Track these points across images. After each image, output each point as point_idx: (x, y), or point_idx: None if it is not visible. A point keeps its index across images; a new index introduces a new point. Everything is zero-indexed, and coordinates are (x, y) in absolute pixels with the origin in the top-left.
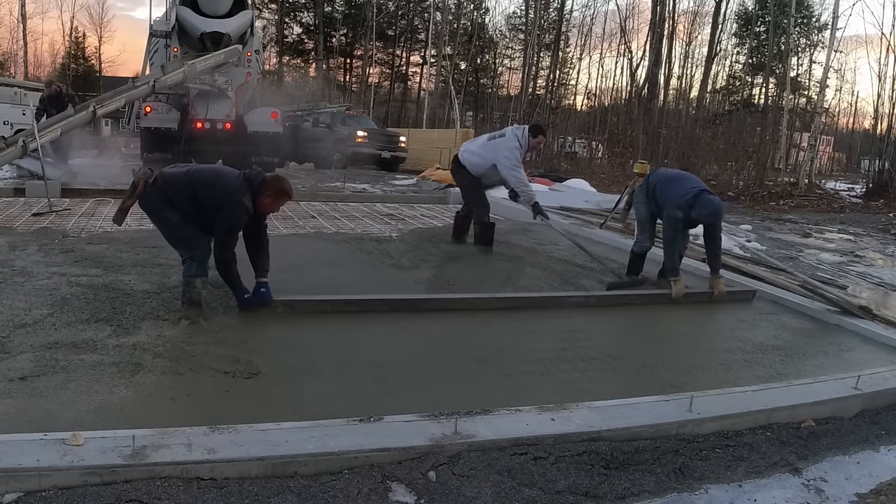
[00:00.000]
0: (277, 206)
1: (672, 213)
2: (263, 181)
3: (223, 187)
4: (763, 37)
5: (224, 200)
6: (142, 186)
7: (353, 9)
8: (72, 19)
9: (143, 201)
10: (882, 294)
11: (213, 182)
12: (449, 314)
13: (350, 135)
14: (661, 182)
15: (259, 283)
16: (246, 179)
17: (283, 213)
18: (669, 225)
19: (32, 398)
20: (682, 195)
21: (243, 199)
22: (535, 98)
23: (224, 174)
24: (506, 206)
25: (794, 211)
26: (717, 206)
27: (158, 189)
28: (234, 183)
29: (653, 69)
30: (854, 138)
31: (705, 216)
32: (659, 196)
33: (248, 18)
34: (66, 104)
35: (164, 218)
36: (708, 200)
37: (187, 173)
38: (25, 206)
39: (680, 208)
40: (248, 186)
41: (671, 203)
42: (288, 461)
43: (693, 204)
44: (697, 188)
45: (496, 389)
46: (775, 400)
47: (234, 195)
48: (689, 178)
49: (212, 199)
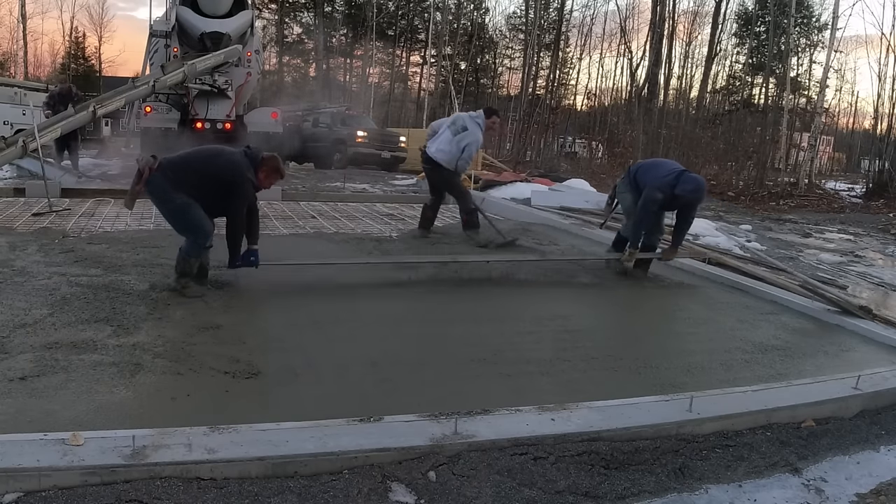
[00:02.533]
0: (271, 182)
1: (651, 194)
2: (263, 158)
3: (230, 163)
4: (763, 37)
5: (234, 178)
6: (147, 172)
7: (353, 9)
8: (72, 19)
9: (150, 186)
10: (882, 294)
11: (216, 157)
12: (448, 314)
13: (350, 135)
14: (643, 168)
15: (250, 250)
16: (248, 156)
17: (283, 212)
18: (644, 205)
19: (32, 398)
20: (663, 176)
21: (249, 175)
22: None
23: (225, 151)
24: (506, 207)
25: (794, 211)
26: (700, 182)
27: (163, 173)
28: (240, 159)
29: (653, 69)
30: (854, 138)
31: (689, 192)
32: (640, 181)
33: (248, 18)
34: (75, 104)
35: (171, 200)
36: (692, 177)
37: (188, 155)
38: (25, 206)
39: (660, 189)
40: (251, 163)
41: (651, 185)
42: (288, 461)
43: (676, 183)
44: (679, 169)
45: (496, 389)
46: (775, 400)
47: (243, 172)
48: (669, 162)
49: (217, 174)
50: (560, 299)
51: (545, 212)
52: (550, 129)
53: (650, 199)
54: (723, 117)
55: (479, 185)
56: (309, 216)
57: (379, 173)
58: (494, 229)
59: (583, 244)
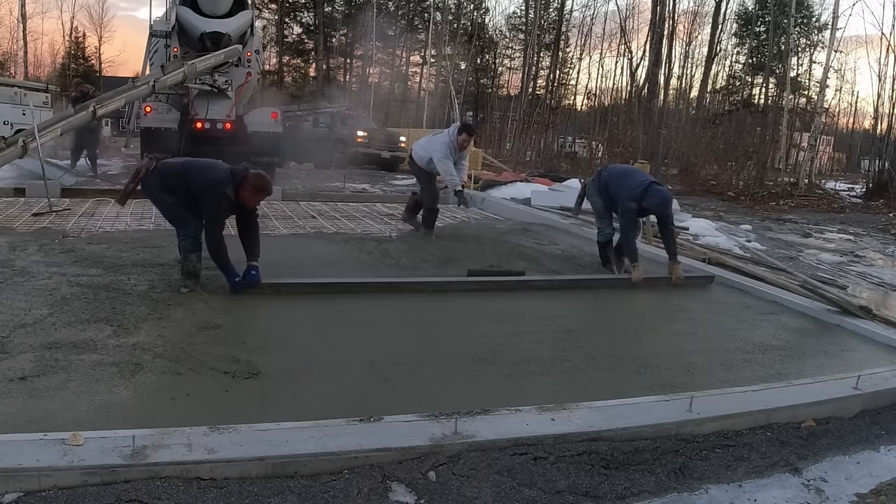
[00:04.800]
0: (256, 200)
1: (626, 206)
2: (245, 176)
3: (210, 177)
4: (763, 37)
5: (209, 189)
6: (143, 173)
7: (353, 9)
8: (72, 19)
9: (145, 186)
10: (882, 294)
11: (202, 172)
12: (448, 314)
13: (350, 135)
14: (613, 177)
15: (250, 266)
16: (231, 173)
17: (283, 212)
18: (624, 215)
19: (32, 398)
20: (633, 188)
21: (225, 190)
22: (535, 98)
23: (213, 166)
24: (506, 207)
25: (794, 211)
26: (666, 195)
27: (158, 175)
28: (221, 175)
29: (653, 69)
30: (854, 138)
31: (655, 205)
32: (612, 190)
33: (248, 18)
34: None
35: (163, 200)
36: (657, 191)
37: (182, 163)
38: (25, 206)
39: (633, 200)
40: (231, 179)
41: (624, 196)
42: (288, 461)
43: (643, 196)
44: (647, 181)
45: (496, 389)
46: (775, 400)
47: (218, 185)
48: (638, 172)
49: (199, 186)
50: (560, 299)
51: (545, 212)
52: (550, 129)
53: (627, 210)
54: (723, 117)
55: (479, 185)
56: (309, 216)
57: (379, 173)
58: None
59: (583, 244)
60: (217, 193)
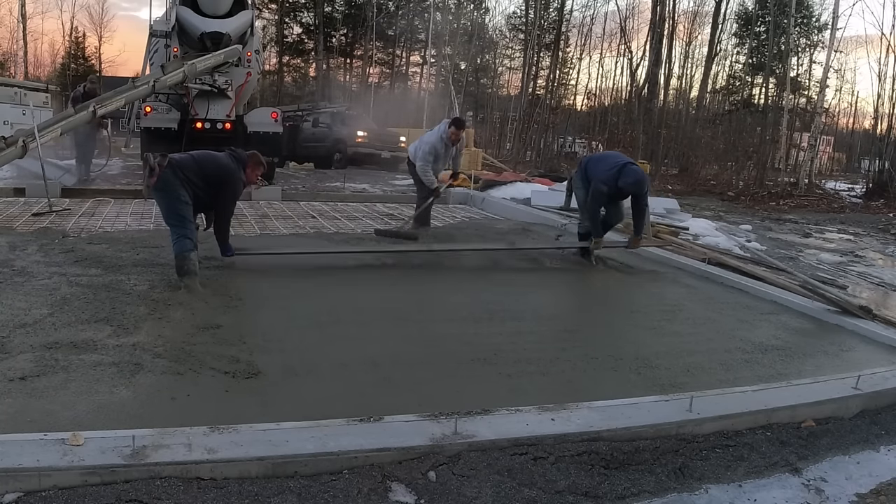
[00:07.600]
0: (256, 175)
1: (597, 188)
2: (246, 157)
3: (225, 168)
4: (763, 37)
5: (227, 178)
6: (159, 168)
7: (353, 9)
8: (72, 19)
9: (160, 181)
10: (882, 294)
11: (215, 162)
12: (448, 314)
13: (350, 135)
14: (592, 161)
15: (227, 246)
16: (235, 159)
17: (283, 212)
18: (592, 198)
19: (32, 398)
20: (607, 170)
21: (240, 175)
22: (535, 98)
23: (218, 157)
24: (506, 207)
25: (794, 211)
26: (641, 175)
27: (173, 170)
28: (231, 163)
29: (653, 69)
30: (854, 138)
31: (630, 184)
32: (590, 173)
33: (248, 18)
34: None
35: (178, 196)
36: (632, 170)
37: (193, 157)
38: (25, 206)
39: (605, 183)
40: (239, 164)
41: (597, 178)
42: (288, 461)
43: (619, 176)
44: (623, 161)
45: (496, 389)
46: (775, 400)
47: (234, 173)
48: (615, 155)
49: (215, 178)
50: (560, 299)
51: (545, 212)
52: (550, 128)
53: (596, 192)
54: (723, 117)
55: (479, 185)
56: (309, 216)
57: (379, 173)
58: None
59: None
60: (236, 180)
